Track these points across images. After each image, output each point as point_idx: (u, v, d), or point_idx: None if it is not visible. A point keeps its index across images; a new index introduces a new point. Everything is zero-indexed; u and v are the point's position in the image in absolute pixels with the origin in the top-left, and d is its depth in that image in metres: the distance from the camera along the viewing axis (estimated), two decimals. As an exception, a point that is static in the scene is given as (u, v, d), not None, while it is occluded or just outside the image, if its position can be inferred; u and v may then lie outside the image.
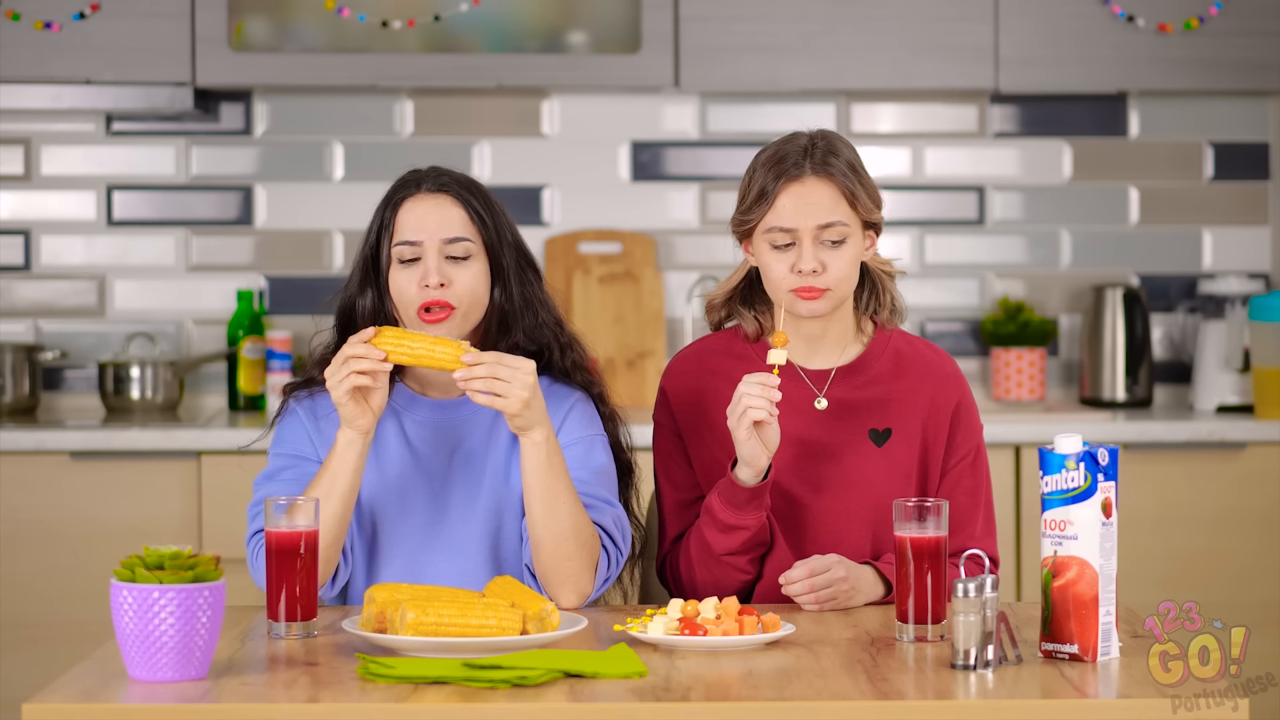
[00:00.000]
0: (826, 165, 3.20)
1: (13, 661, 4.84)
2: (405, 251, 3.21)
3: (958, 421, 3.30)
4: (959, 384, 3.33)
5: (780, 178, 3.19)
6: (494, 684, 2.62)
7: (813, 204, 3.18)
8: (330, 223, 5.38)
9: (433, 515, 3.24)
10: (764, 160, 3.23)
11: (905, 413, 3.28)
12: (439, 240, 3.21)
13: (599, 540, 3.17)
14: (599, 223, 5.41)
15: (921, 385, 3.30)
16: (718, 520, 3.19)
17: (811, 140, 3.23)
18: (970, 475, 3.31)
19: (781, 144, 3.24)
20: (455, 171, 3.29)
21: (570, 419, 3.29)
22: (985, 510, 3.32)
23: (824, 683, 2.65)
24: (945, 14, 5.08)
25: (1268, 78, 5.11)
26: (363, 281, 3.25)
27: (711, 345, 3.37)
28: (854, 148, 3.27)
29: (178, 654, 2.64)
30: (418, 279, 3.20)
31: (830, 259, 3.18)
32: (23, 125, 5.35)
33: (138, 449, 4.86)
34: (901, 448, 3.27)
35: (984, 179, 5.46)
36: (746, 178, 3.25)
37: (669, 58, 5.06)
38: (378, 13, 5.04)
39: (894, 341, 3.33)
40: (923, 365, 3.32)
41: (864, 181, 3.23)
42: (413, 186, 3.25)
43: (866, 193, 3.22)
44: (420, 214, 3.22)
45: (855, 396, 3.28)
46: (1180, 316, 5.43)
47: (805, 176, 3.19)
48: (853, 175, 3.21)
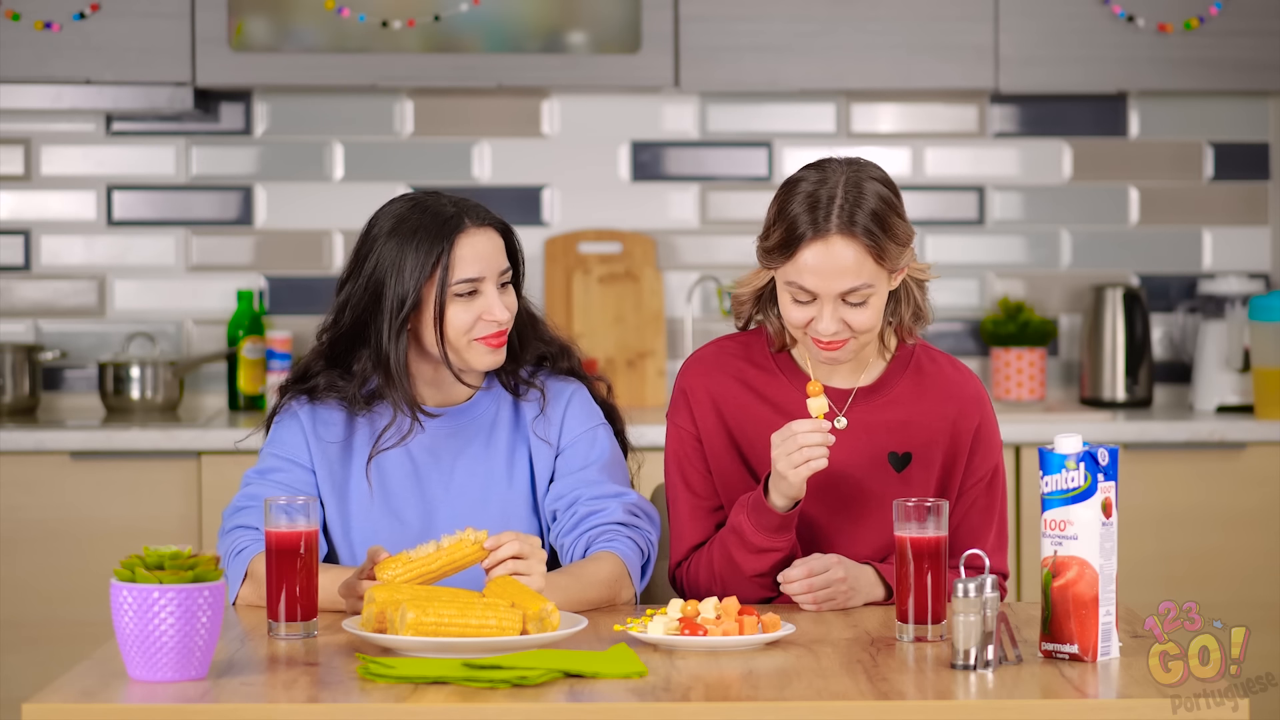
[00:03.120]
0: (853, 222, 3.06)
1: (13, 661, 4.84)
2: (465, 288, 3.18)
3: (978, 444, 3.25)
4: (981, 406, 3.27)
5: (805, 232, 3.08)
6: (494, 684, 2.62)
7: (836, 269, 3.07)
8: (330, 223, 5.38)
9: (438, 522, 3.25)
10: (793, 197, 3.12)
11: (926, 436, 3.23)
12: (496, 272, 3.21)
13: (622, 563, 3.19)
14: (599, 223, 5.41)
15: (943, 408, 3.24)
16: (749, 543, 3.15)
17: (844, 187, 3.09)
18: (986, 495, 3.27)
19: (813, 185, 3.11)
20: (468, 198, 3.27)
21: (570, 415, 3.30)
22: (998, 528, 3.29)
23: (824, 683, 2.65)
24: (945, 14, 5.08)
25: (1268, 78, 5.11)
26: (399, 332, 3.18)
27: (730, 348, 3.31)
28: (887, 183, 3.13)
29: (178, 654, 2.64)
30: (477, 312, 3.19)
31: (852, 315, 3.10)
32: (23, 125, 5.35)
33: (138, 449, 4.86)
34: (920, 474, 3.22)
35: (984, 179, 5.46)
36: (774, 207, 3.14)
37: (669, 58, 5.06)
38: (378, 13, 5.04)
39: (916, 357, 3.27)
40: (945, 385, 3.26)
41: (893, 231, 3.09)
42: (459, 223, 3.19)
43: (894, 239, 3.09)
44: (476, 249, 3.19)
45: (875, 418, 3.23)
46: (1180, 316, 5.43)
47: (830, 235, 3.07)
48: (879, 229, 3.07)
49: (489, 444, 3.28)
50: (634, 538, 3.22)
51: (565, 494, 3.26)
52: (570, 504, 3.25)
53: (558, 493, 3.27)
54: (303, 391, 3.28)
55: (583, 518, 3.23)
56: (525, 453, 3.29)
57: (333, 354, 3.25)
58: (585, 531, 3.22)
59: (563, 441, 3.29)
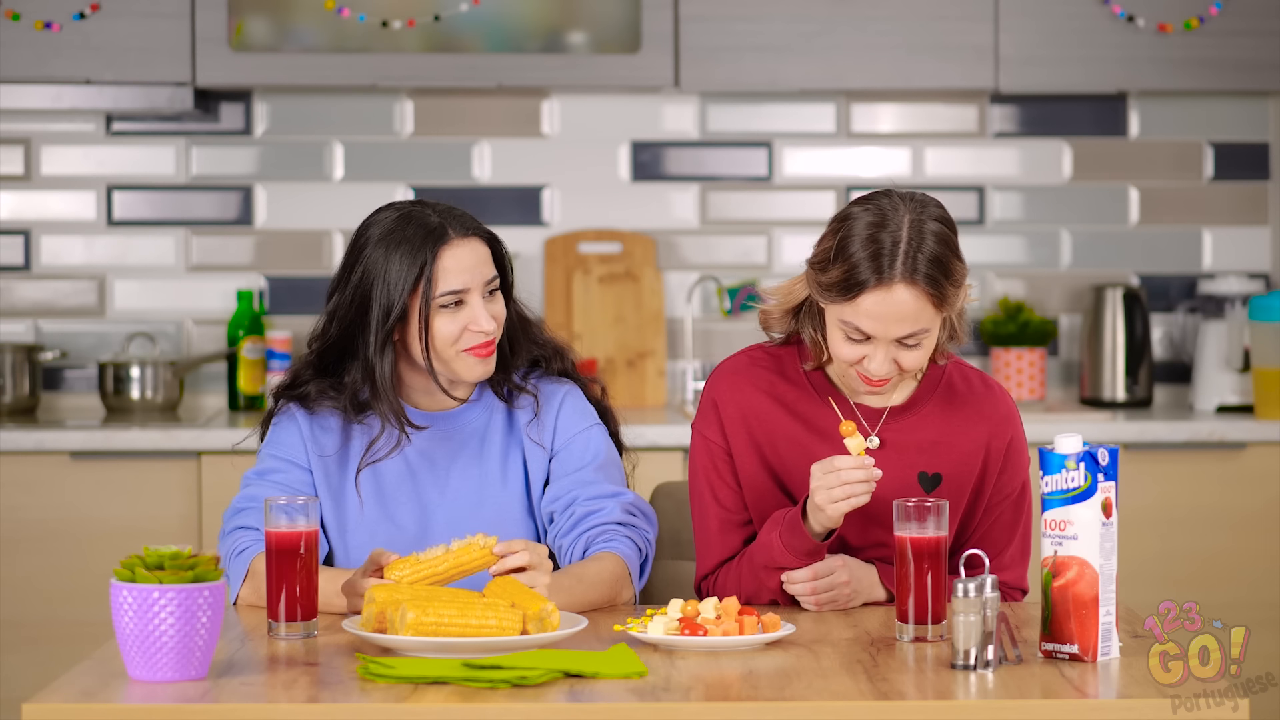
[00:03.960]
0: (915, 270, 3.01)
1: (13, 661, 4.84)
2: (449, 299, 3.18)
3: (1008, 462, 3.23)
4: (1012, 425, 3.24)
5: (869, 279, 3.01)
6: (494, 684, 2.62)
7: (896, 316, 3.02)
8: (330, 223, 5.38)
9: (434, 526, 3.25)
10: (854, 240, 3.03)
11: (957, 457, 3.20)
12: (481, 283, 3.21)
13: (622, 563, 3.19)
14: (599, 223, 5.41)
15: (974, 428, 3.21)
16: (778, 564, 3.14)
17: (908, 230, 3.02)
18: (1011, 510, 3.24)
19: (876, 224, 3.03)
20: (454, 207, 3.26)
21: (563, 416, 3.30)
22: (1021, 542, 3.26)
23: (824, 683, 2.65)
24: (945, 14, 5.08)
25: (1268, 78, 5.11)
26: (384, 344, 3.19)
27: (761, 360, 3.26)
28: (948, 223, 3.06)
29: (178, 654, 2.64)
30: (463, 323, 3.18)
31: (904, 357, 3.07)
32: (23, 125, 5.35)
33: (138, 449, 4.86)
34: (951, 494, 3.19)
35: (984, 179, 5.46)
36: (832, 240, 3.06)
37: (669, 58, 5.06)
38: (378, 13, 5.04)
39: (948, 376, 3.24)
40: (977, 405, 3.22)
41: (954, 276, 3.04)
42: (443, 234, 3.19)
43: (954, 283, 3.04)
44: (460, 260, 3.18)
45: (907, 438, 3.20)
46: (1180, 316, 5.43)
47: (894, 284, 3.01)
48: (942, 274, 3.02)
49: (483, 448, 3.29)
50: (633, 537, 3.22)
51: (562, 495, 3.26)
52: (568, 505, 3.25)
53: (554, 494, 3.27)
54: (294, 398, 3.29)
55: (581, 518, 3.23)
56: (519, 456, 3.29)
57: (322, 364, 3.26)
58: (584, 532, 3.22)
59: (556, 444, 3.29)
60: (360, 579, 3.02)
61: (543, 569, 2.99)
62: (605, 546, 3.20)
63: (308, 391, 3.26)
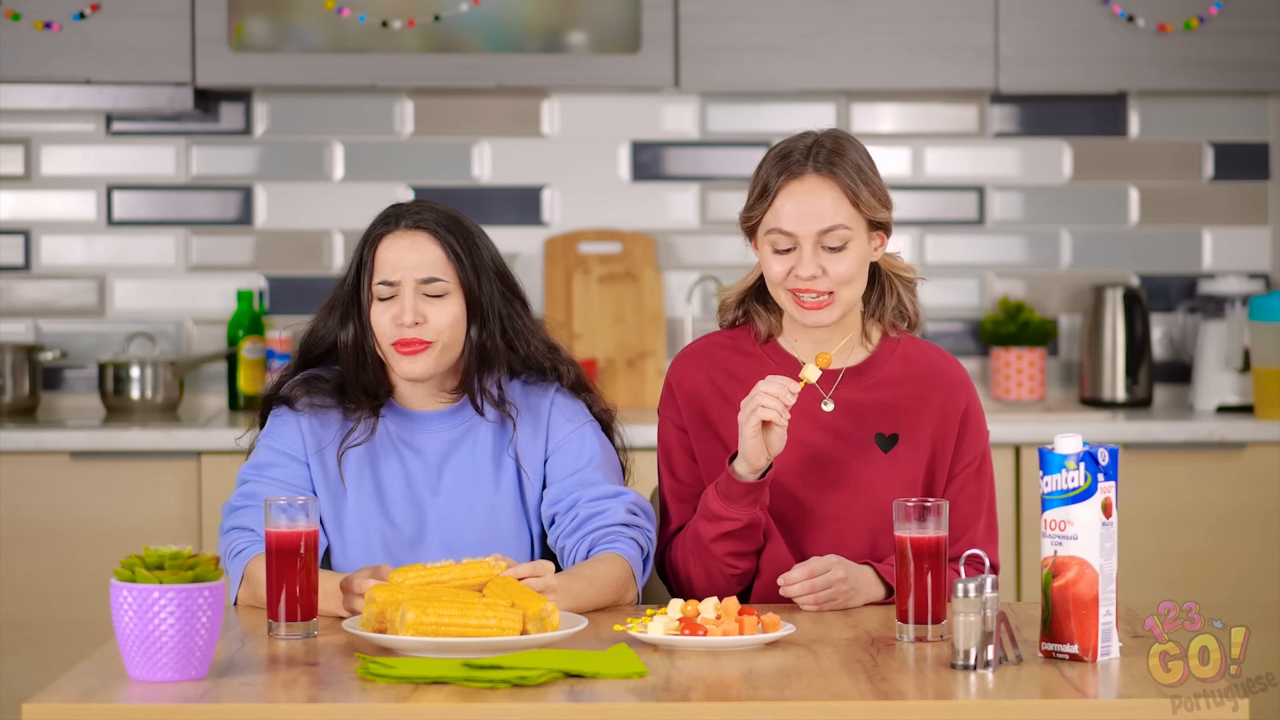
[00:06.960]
0: (830, 164, 3.18)
1: (13, 661, 4.84)
2: (384, 290, 3.23)
3: (965, 429, 3.29)
4: (967, 390, 3.32)
5: (782, 175, 3.19)
6: (494, 684, 2.62)
7: (812, 206, 3.17)
8: (330, 223, 5.38)
9: (428, 526, 3.25)
10: (770, 156, 3.23)
11: (913, 419, 3.27)
12: (414, 279, 3.23)
13: (628, 564, 3.19)
14: (599, 223, 5.41)
15: (931, 392, 3.29)
16: (706, 508, 3.19)
17: (819, 139, 3.22)
18: (975, 482, 3.30)
19: (790, 140, 3.24)
20: (438, 206, 3.28)
21: (554, 417, 3.31)
22: (988, 516, 3.31)
23: (824, 683, 2.65)
24: (945, 14, 5.08)
25: (1268, 78, 5.11)
26: (344, 317, 3.27)
27: (719, 341, 3.36)
28: (865, 149, 3.24)
29: (178, 654, 2.64)
30: (392, 315, 3.22)
31: (831, 263, 3.17)
32: (23, 125, 5.35)
33: (138, 449, 4.86)
34: (907, 455, 3.26)
35: (984, 179, 5.46)
36: (755, 173, 3.25)
37: (669, 58, 5.06)
38: (378, 13, 5.04)
39: (903, 345, 3.32)
40: (932, 371, 3.31)
41: (869, 180, 3.20)
42: (392, 223, 3.26)
43: (871, 192, 3.19)
44: (398, 252, 3.24)
45: (862, 399, 3.28)
46: (1180, 316, 5.43)
47: (806, 175, 3.18)
48: (856, 175, 3.18)
49: (475, 449, 3.29)
50: (636, 538, 3.23)
51: (564, 497, 3.26)
52: (570, 506, 3.25)
53: (555, 496, 3.27)
54: (283, 403, 3.30)
55: (584, 520, 3.23)
56: (512, 458, 3.30)
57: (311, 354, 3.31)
58: (589, 534, 3.23)
59: (550, 445, 3.30)
60: (360, 579, 3.02)
61: (549, 575, 3.01)
62: (610, 548, 3.20)
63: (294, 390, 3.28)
